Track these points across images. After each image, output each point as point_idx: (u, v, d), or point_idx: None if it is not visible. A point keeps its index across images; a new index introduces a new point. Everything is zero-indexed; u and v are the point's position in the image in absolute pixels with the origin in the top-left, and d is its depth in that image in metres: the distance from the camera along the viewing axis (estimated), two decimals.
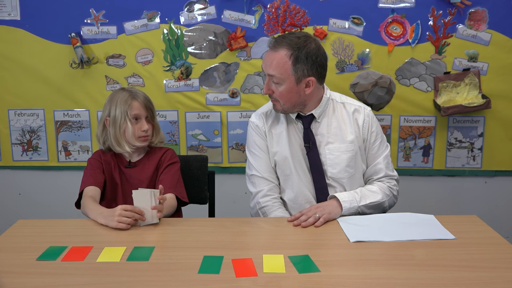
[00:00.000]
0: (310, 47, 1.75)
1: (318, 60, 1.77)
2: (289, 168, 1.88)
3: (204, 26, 2.73)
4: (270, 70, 1.77)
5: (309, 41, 1.76)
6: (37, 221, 1.75)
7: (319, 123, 1.88)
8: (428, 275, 1.29)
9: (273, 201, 1.89)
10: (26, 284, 1.26)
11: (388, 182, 1.90)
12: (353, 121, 1.89)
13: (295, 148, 1.88)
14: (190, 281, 1.27)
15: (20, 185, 2.98)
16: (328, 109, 1.90)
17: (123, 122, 1.86)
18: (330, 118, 1.89)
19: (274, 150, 1.91)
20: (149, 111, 1.91)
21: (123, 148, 1.88)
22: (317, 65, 1.77)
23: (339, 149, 1.86)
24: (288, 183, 1.90)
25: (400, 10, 2.67)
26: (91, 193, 1.82)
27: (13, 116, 2.86)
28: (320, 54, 1.77)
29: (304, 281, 1.27)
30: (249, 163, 1.96)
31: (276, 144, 1.91)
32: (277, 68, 1.75)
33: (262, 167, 1.92)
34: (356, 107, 1.91)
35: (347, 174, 1.87)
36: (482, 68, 2.70)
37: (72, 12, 2.72)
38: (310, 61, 1.75)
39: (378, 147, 1.91)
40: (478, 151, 2.81)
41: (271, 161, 1.92)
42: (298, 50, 1.73)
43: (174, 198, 1.85)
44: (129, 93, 1.89)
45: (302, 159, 1.88)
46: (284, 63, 1.74)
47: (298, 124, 1.89)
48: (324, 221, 1.66)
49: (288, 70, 1.75)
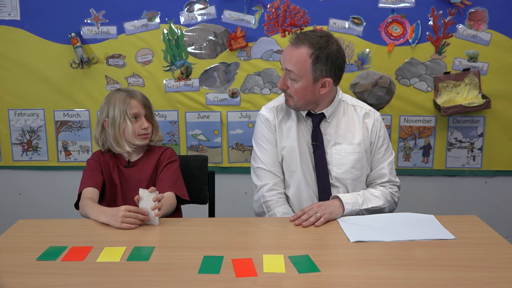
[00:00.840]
0: (331, 48, 1.74)
1: (338, 62, 1.76)
2: (295, 163, 1.89)
3: (204, 26, 2.73)
4: (288, 65, 1.76)
5: (331, 42, 1.76)
6: (37, 221, 1.75)
7: (329, 123, 1.88)
8: (428, 275, 1.29)
9: (277, 196, 1.89)
10: (26, 284, 1.26)
11: (391, 188, 1.91)
12: (362, 124, 1.89)
13: (303, 145, 1.88)
14: (190, 281, 1.27)
15: (20, 185, 2.98)
16: (339, 110, 1.90)
17: (122, 121, 1.85)
18: (340, 119, 1.89)
19: (283, 144, 1.91)
20: (148, 109, 1.91)
21: (123, 147, 1.88)
22: (336, 67, 1.77)
23: (346, 150, 1.87)
24: (292, 179, 1.90)
25: (400, 10, 2.67)
26: (90, 195, 1.82)
27: (13, 116, 2.86)
28: (340, 56, 1.77)
29: (304, 281, 1.27)
30: (256, 155, 1.96)
31: (286, 139, 1.91)
32: (296, 64, 1.75)
33: (269, 160, 1.92)
34: (367, 110, 1.92)
35: (352, 176, 1.87)
36: (482, 68, 2.70)
37: (72, 12, 2.72)
38: (329, 62, 1.74)
39: (384, 152, 1.92)
40: (478, 151, 2.81)
41: (278, 155, 1.92)
42: (320, 50, 1.73)
43: (174, 196, 1.85)
44: (126, 93, 1.89)
45: (308, 157, 1.88)
46: (304, 61, 1.74)
47: (308, 122, 1.89)
48: (325, 221, 1.66)
49: (307, 68, 1.74)
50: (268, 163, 1.91)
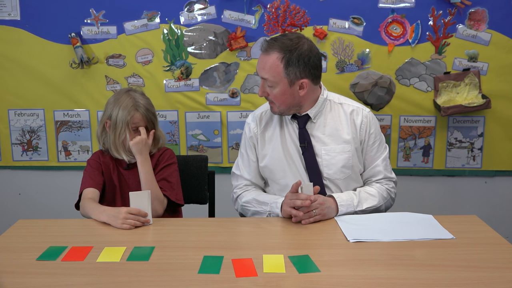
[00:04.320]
0: (302, 48, 1.73)
1: (311, 61, 1.75)
2: (282, 169, 1.88)
3: (204, 26, 2.73)
4: (263, 73, 1.77)
5: (301, 43, 1.74)
6: (37, 221, 1.75)
7: (315, 124, 1.87)
8: (428, 275, 1.29)
9: (246, 188, 1.96)
10: (26, 284, 1.26)
11: (387, 184, 1.90)
12: (350, 122, 1.88)
13: (291, 148, 1.88)
14: (190, 281, 1.27)
15: (20, 185, 2.98)
16: (325, 109, 1.88)
17: (122, 131, 1.85)
18: (326, 119, 1.88)
19: (265, 152, 1.91)
20: (150, 122, 1.90)
21: (121, 155, 1.89)
22: (309, 67, 1.75)
23: (335, 150, 1.85)
24: (281, 185, 1.90)
25: (400, 10, 2.67)
26: (90, 195, 1.82)
27: (13, 116, 2.86)
28: (313, 55, 1.75)
29: (304, 281, 1.27)
30: (237, 161, 2.03)
31: (268, 145, 1.91)
32: (270, 71, 1.75)
33: (246, 167, 1.97)
34: (354, 108, 1.90)
35: (343, 175, 1.86)
36: (482, 68, 2.70)
37: (72, 12, 2.72)
38: (302, 63, 1.73)
39: (377, 149, 1.90)
40: (478, 151, 2.81)
41: (259, 163, 1.94)
42: (290, 53, 1.72)
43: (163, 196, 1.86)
44: (132, 102, 1.85)
45: (298, 159, 1.87)
46: (276, 67, 1.73)
47: (294, 124, 1.89)
48: (314, 221, 1.67)
49: (280, 73, 1.74)
50: (244, 169, 1.98)
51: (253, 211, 1.88)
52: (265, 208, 1.82)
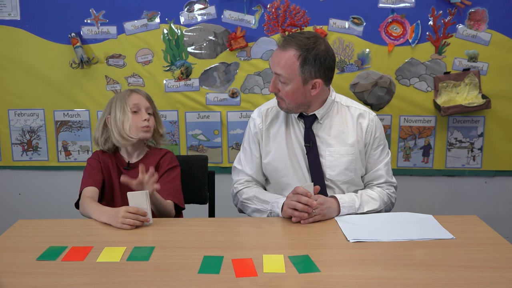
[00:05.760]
0: (319, 49, 1.73)
1: (326, 62, 1.75)
2: (285, 167, 1.88)
3: (204, 26, 2.73)
4: (277, 69, 1.76)
5: (319, 43, 1.74)
6: (37, 221, 1.75)
7: (321, 124, 1.88)
8: (428, 275, 1.29)
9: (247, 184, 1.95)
10: (26, 284, 1.26)
11: (388, 189, 1.91)
12: (356, 125, 1.88)
13: (295, 147, 1.88)
14: (190, 281, 1.27)
15: (20, 185, 2.98)
16: (332, 111, 1.89)
17: (122, 114, 1.87)
18: (333, 120, 1.88)
19: (268, 149, 1.91)
20: (150, 102, 1.94)
21: (127, 140, 1.88)
22: (325, 68, 1.76)
23: (339, 152, 1.86)
24: (283, 183, 1.90)
25: (400, 10, 2.67)
26: (90, 194, 1.82)
27: (13, 116, 2.86)
28: (329, 56, 1.76)
29: (304, 281, 1.27)
30: (239, 156, 2.02)
31: (272, 142, 1.91)
32: (285, 68, 1.74)
33: (248, 163, 1.96)
34: (361, 111, 1.90)
35: (345, 177, 1.86)
36: (482, 68, 2.70)
37: (72, 12, 2.72)
38: (318, 63, 1.73)
39: (380, 153, 1.91)
40: (478, 151, 2.81)
41: (262, 159, 1.93)
42: (307, 52, 1.72)
43: (172, 205, 1.85)
44: (129, 90, 1.94)
45: (302, 159, 1.88)
46: (292, 64, 1.73)
47: (300, 124, 1.89)
48: (314, 221, 1.67)
49: (295, 71, 1.74)
50: (246, 165, 1.97)
51: (253, 209, 1.87)
52: (267, 206, 1.82)
